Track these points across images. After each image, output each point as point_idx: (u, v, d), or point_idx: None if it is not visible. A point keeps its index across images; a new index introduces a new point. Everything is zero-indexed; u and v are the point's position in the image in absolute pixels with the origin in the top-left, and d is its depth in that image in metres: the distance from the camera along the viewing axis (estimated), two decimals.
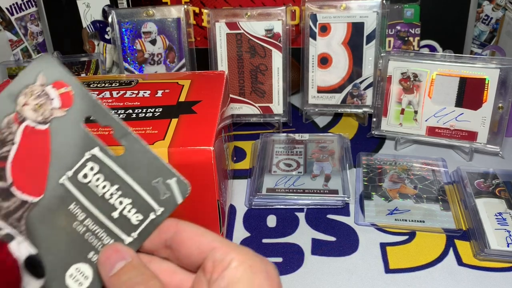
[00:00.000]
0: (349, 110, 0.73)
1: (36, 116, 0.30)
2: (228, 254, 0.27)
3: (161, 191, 0.30)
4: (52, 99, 0.30)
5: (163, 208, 0.30)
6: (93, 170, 0.30)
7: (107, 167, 0.30)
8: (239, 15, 0.69)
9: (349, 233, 0.54)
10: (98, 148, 0.30)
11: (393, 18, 0.75)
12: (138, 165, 0.30)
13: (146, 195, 0.30)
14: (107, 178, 0.30)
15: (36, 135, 0.30)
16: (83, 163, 0.30)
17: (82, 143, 0.30)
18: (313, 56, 0.71)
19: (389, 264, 0.50)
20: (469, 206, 0.55)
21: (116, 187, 0.30)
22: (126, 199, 0.30)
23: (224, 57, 0.70)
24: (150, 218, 0.30)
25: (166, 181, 0.30)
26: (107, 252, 0.29)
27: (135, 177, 0.30)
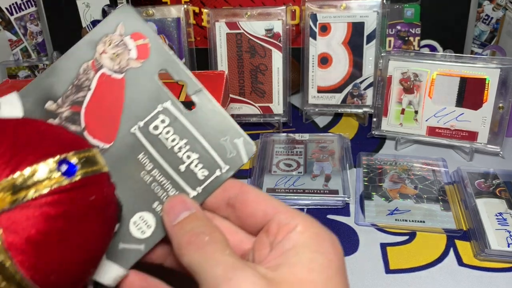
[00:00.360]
0: (349, 110, 0.73)
1: (113, 65, 0.31)
2: (293, 218, 0.27)
3: (228, 149, 0.30)
4: (129, 50, 0.31)
5: (229, 166, 0.30)
6: (164, 122, 0.30)
7: (177, 121, 0.31)
8: (239, 15, 0.69)
9: (349, 233, 0.54)
10: (170, 101, 0.31)
11: (394, 18, 0.74)
12: (208, 122, 0.31)
13: (213, 152, 0.30)
14: (177, 132, 0.30)
15: (111, 83, 0.30)
16: (155, 115, 0.30)
17: (155, 95, 0.31)
18: (313, 56, 0.71)
19: (390, 264, 0.49)
20: (469, 206, 0.55)
21: (185, 141, 0.30)
22: (194, 154, 0.30)
23: (224, 57, 0.70)
24: (216, 174, 0.30)
25: (233, 140, 0.31)
26: (172, 201, 0.29)
27: (204, 134, 0.30)
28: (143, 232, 0.30)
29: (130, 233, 0.30)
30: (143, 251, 0.30)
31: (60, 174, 0.23)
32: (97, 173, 0.25)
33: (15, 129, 0.24)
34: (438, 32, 0.77)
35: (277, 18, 0.68)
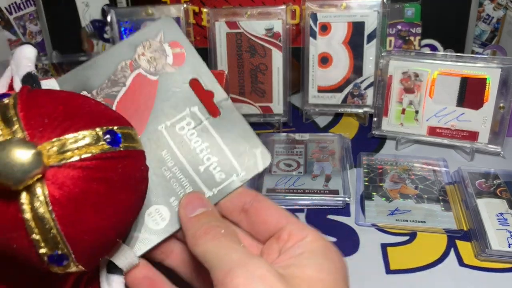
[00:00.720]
0: (350, 110, 0.73)
1: (149, 67, 0.33)
2: (303, 229, 0.28)
3: (246, 157, 0.33)
4: (166, 56, 0.33)
5: (245, 173, 0.32)
6: (190, 125, 0.33)
7: (202, 125, 0.33)
8: (239, 14, 0.69)
9: (349, 233, 0.53)
10: (197, 107, 0.33)
11: (394, 17, 0.74)
12: (231, 130, 0.33)
13: (232, 158, 0.33)
14: (200, 135, 0.33)
15: (145, 83, 0.33)
16: (182, 116, 0.33)
17: (185, 99, 0.33)
18: (314, 55, 0.71)
19: (390, 264, 0.49)
20: (470, 207, 0.54)
21: (207, 144, 0.33)
22: (214, 157, 0.32)
23: (224, 56, 0.70)
24: (232, 178, 0.32)
25: (252, 149, 0.33)
26: (190, 196, 0.31)
27: (225, 140, 0.33)
28: (157, 223, 0.31)
29: (145, 223, 0.31)
30: (155, 242, 0.31)
31: (105, 143, 0.25)
32: (137, 149, 0.27)
33: (69, 97, 0.26)
34: (439, 31, 0.76)
35: (277, 17, 0.68)
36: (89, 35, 0.81)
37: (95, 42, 0.81)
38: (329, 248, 0.28)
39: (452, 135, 0.65)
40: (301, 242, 0.28)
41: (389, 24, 0.74)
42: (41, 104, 0.25)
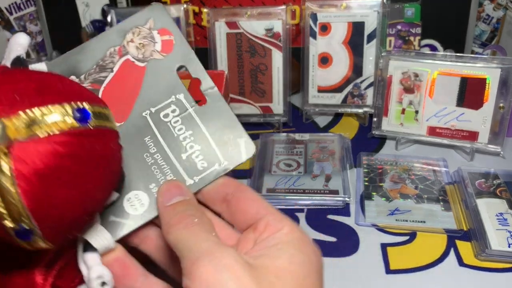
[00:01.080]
0: (350, 110, 0.73)
1: (138, 53, 0.33)
2: (281, 221, 0.28)
3: (230, 146, 0.32)
4: (155, 43, 0.33)
5: (227, 162, 0.32)
6: (174, 112, 0.33)
7: (187, 113, 0.33)
8: (239, 14, 0.69)
9: (349, 233, 0.53)
10: (183, 95, 0.33)
11: (394, 17, 0.74)
12: (215, 119, 0.33)
13: (215, 147, 0.32)
14: (184, 123, 0.33)
15: (133, 69, 0.33)
16: (167, 103, 0.33)
17: (171, 86, 0.33)
18: (314, 55, 0.71)
19: (390, 264, 0.49)
20: (470, 206, 0.54)
21: (190, 132, 0.32)
22: (197, 145, 0.32)
23: (224, 56, 0.70)
24: (214, 167, 0.32)
25: (236, 139, 0.33)
26: (169, 184, 0.31)
27: (209, 128, 0.33)
28: (135, 209, 0.31)
29: (123, 208, 0.31)
30: (132, 227, 0.31)
31: (74, 120, 0.25)
32: (108, 128, 0.27)
33: (42, 76, 0.26)
34: (439, 31, 0.76)
35: (277, 17, 0.68)
36: (89, 35, 0.81)
37: None
38: (304, 240, 0.27)
39: (452, 135, 0.65)
40: (277, 233, 0.27)
41: (389, 24, 0.74)
42: (14, 81, 0.25)
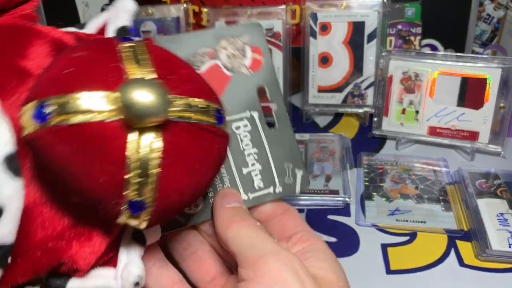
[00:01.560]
0: (350, 110, 0.73)
1: (227, 62, 0.34)
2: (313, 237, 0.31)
3: (287, 175, 0.34)
4: (245, 57, 0.35)
5: (282, 189, 0.34)
6: (246, 127, 0.34)
7: (257, 131, 0.34)
8: (239, 14, 0.69)
9: (350, 233, 0.53)
10: (258, 114, 0.34)
11: (394, 17, 0.74)
12: (281, 145, 0.34)
13: (274, 171, 0.34)
14: (252, 140, 0.34)
15: (219, 75, 0.34)
16: (241, 117, 0.34)
17: (249, 103, 0.34)
18: (314, 55, 0.71)
19: (390, 265, 0.49)
20: (470, 207, 0.54)
21: (255, 150, 0.34)
22: (258, 165, 0.34)
23: None
24: (269, 190, 0.33)
25: (295, 169, 0.34)
26: (228, 191, 0.33)
27: (273, 152, 0.34)
28: (189, 208, 0.32)
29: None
30: (183, 225, 0.32)
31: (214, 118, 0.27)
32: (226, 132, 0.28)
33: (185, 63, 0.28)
34: (439, 31, 0.76)
35: (277, 17, 0.68)
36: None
37: None
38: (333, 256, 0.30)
39: (452, 135, 0.65)
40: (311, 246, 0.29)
41: (389, 24, 0.74)
42: (168, 57, 0.26)
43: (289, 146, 0.34)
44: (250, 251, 0.26)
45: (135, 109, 0.22)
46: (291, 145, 0.34)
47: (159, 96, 0.23)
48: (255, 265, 0.25)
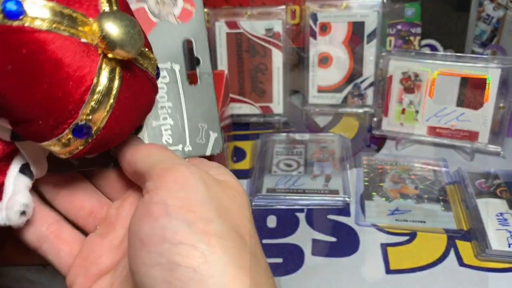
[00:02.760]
0: (350, 110, 0.73)
1: (154, 8, 0.33)
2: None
3: (200, 135, 0.32)
4: (175, 6, 0.33)
5: (191, 149, 0.32)
6: (164, 79, 0.32)
7: (175, 85, 0.32)
8: (239, 14, 0.69)
9: (349, 233, 0.53)
10: (180, 67, 0.32)
11: (394, 17, 0.74)
12: (199, 103, 0.32)
13: (187, 129, 0.32)
14: (169, 93, 0.32)
15: (143, 20, 0.32)
16: (161, 67, 0.32)
17: (171, 54, 0.32)
18: (314, 55, 0.71)
19: (390, 264, 0.49)
20: (470, 206, 0.54)
21: (170, 105, 0.32)
22: (170, 120, 0.32)
23: (224, 56, 0.70)
24: (177, 148, 0.32)
25: (209, 131, 0.32)
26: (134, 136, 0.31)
27: (189, 109, 0.32)
28: None
29: None
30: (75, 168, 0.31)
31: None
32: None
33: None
34: (439, 31, 0.76)
35: (277, 17, 0.68)
36: None
37: None
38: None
39: (452, 135, 0.65)
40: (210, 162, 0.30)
41: (389, 24, 0.74)
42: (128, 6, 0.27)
43: (208, 106, 0.32)
44: (160, 165, 0.26)
45: (114, 38, 0.23)
46: (210, 105, 0.33)
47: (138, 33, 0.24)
48: (163, 175, 0.25)
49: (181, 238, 0.22)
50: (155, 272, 0.22)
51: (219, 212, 0.24)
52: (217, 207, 0.24)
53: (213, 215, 0.24)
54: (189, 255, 0.22)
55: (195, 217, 0.23)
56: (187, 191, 0.24)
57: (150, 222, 0.23)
